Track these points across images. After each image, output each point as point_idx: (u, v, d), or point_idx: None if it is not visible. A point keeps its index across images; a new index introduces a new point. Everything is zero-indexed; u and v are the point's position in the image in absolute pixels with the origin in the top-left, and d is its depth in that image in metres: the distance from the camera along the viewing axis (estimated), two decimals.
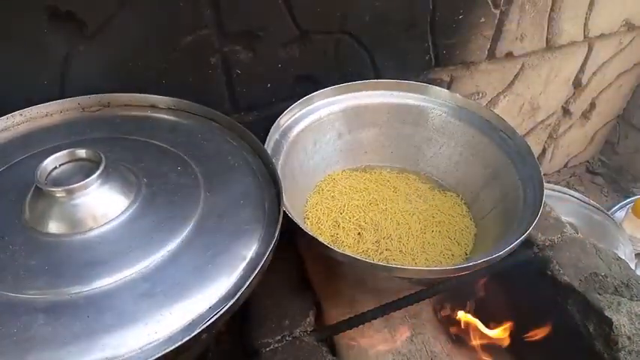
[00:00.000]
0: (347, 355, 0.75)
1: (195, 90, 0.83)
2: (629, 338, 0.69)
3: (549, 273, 0.77)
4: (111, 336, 0.47)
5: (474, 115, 0.88)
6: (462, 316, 0.81)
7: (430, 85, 0.90)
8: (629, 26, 1.27)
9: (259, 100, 0.91)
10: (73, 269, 0.51)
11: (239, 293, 0.51)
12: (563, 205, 1.34)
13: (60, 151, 0.58)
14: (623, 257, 1.21)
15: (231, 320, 0.70)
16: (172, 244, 0.54)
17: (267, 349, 0.65)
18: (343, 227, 0.81)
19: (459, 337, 0.82)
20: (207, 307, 0.50)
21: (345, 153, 0.92)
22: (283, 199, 0.63)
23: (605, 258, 0.78)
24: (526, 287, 0.82)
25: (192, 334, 0.47)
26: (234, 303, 0.50)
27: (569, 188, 1.56)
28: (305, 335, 0.67)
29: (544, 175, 1.57)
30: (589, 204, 1.34)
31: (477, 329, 0.80)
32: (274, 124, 0.78)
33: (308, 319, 0.69)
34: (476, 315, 0.82)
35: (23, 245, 0.52)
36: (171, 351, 0.46)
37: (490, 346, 0.80)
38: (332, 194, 0.87)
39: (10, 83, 0.72)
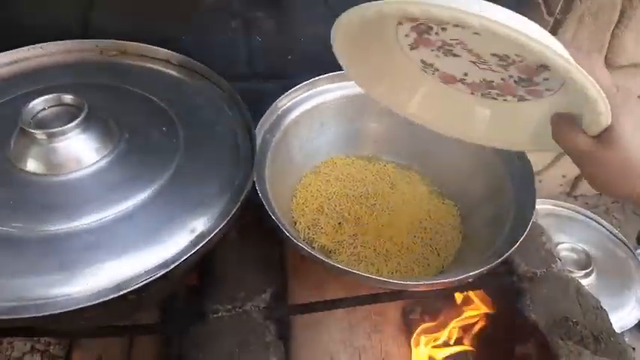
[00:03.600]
0: (299, 337, 0.78)
1: (215, 50, 0.84)
2: None
3: (519, 306, 0.75)
4: (48, 279, 0.51)
5: None
6: (423, 325, 0.81)
7: None
8: None
9: (279, 70, 0.91)
10: (33, 208, 0.55)
11: (174, 264, 0.53)
12: (588, 232, 1.27)
13: (67, 90, 0.62)
14: (635, 300, 1.15)
15: (194, 280, 0.75)
16: (130, 204, 0.57)
17: (215, 315, 0.69)
18: (326, 214, 0.81)
19: (418, 344, 0.82)
20: (143, 271, 0.53)
21: (352, 139, 0.91)
22: (253, 178, 0.64)
23: (585, 304, 0.75)
24: (498, 313, 0.80)
25: (118, 294, 0.50)
26: (167, 272, 0.53)
27: (608, 215, 1.47)
28: (255, 310, 0.70)
29: (582, 195, 1.49)
30: (617, 237, 1.26)
31: (436, 341, 0.80)
32: (272, 106, 0.78)
33: (263, 296, 0.71)
34: (440, 327, 0.82)
35: None
36: (95, 304, 0.50)
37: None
38: (327, 178, 0.87)
39: (38, 18, 0.77)
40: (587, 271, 1.17)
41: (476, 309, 0.82)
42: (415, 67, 0.57)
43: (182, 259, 0.54)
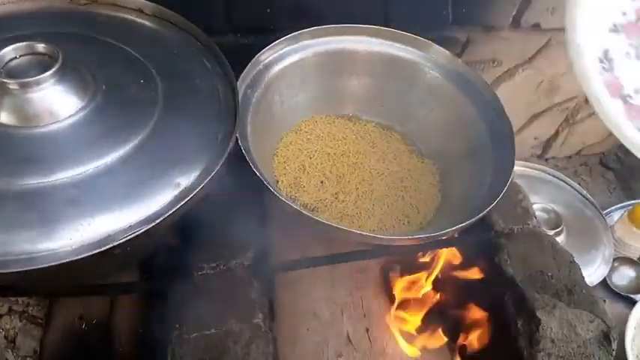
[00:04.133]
0: (282, 293, 0.78)
1: (190, 2, 0.80)
2: (552, 341, 0.69)
3: (497, 261, 0.76)
4: (29, 233, 0.49)
5: (471, 85, 0.84)
6: (404, 281, 0.83)
7: (433, 44, 0.86)
8: None
9: (258, 24, 0.88)
10: (9, 161, 0.53)
11: (159, 219, 0.52)
12: (558, 193, 1.31)
13: (35, 39, 0.58)
14: (601, 259, 1.20)
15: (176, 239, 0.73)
16: (110, 157, 0.55)
17: (200, 272, 0.68)
18: (308, 172, 0.80)
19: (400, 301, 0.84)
20: (127, 226, 0.52)
21: (333, 97, 0.90)
22: (236, 134, 0.62)
23: (559, 258, 0.77)
24: (476, 269, 0.82)
25: (102, 249, 0.49)
26: (152, 227, 0.52)
27: (576, 177, 1.51)
28: (239, 268, 0.69)
29: (552, 158, 1.52)
30: (585, 198, 1.30)
31: (414, 298, 0.82)
32: (253, 59, 0.76)
33: (248, 254, 0.71)
34: (418, 283, 0.83)
35: None
36: (78, 260, 0.48)
37: (425, 316, 0.82)
38: (308, 137, 0.86)
39: None
40: (557, 230, 1.20)
41: (455, 265, 0.83)
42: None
43: (167, 214, 0.53)
